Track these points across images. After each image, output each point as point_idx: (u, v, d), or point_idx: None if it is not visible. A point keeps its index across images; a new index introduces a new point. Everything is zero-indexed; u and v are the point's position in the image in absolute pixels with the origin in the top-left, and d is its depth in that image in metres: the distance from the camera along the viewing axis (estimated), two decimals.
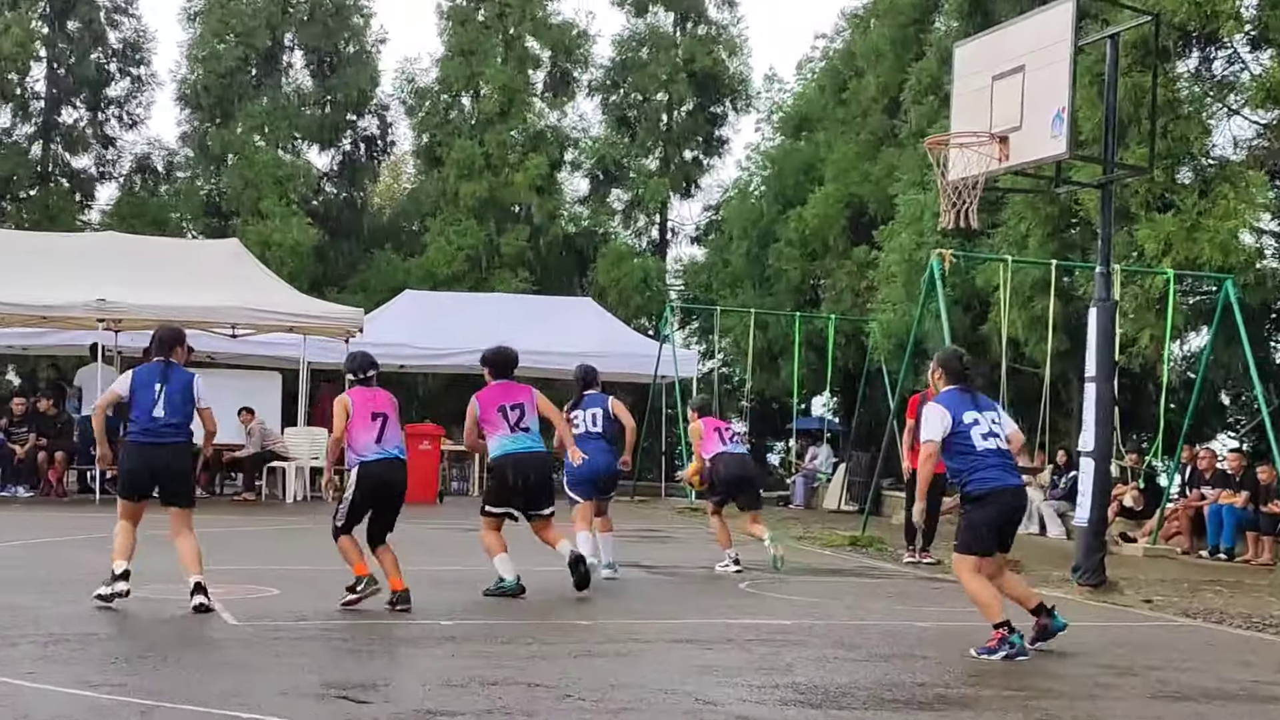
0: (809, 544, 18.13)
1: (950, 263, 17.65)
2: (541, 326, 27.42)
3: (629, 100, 36.92)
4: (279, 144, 33.91)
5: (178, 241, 29.58)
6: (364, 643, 8.71)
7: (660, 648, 9.04)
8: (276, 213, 31.87)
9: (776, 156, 32.90)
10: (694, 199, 38.40)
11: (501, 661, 8.20)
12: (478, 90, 34.94)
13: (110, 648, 8.23)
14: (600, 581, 12.55)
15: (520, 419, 11.45)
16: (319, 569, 12.71)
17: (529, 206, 34.37)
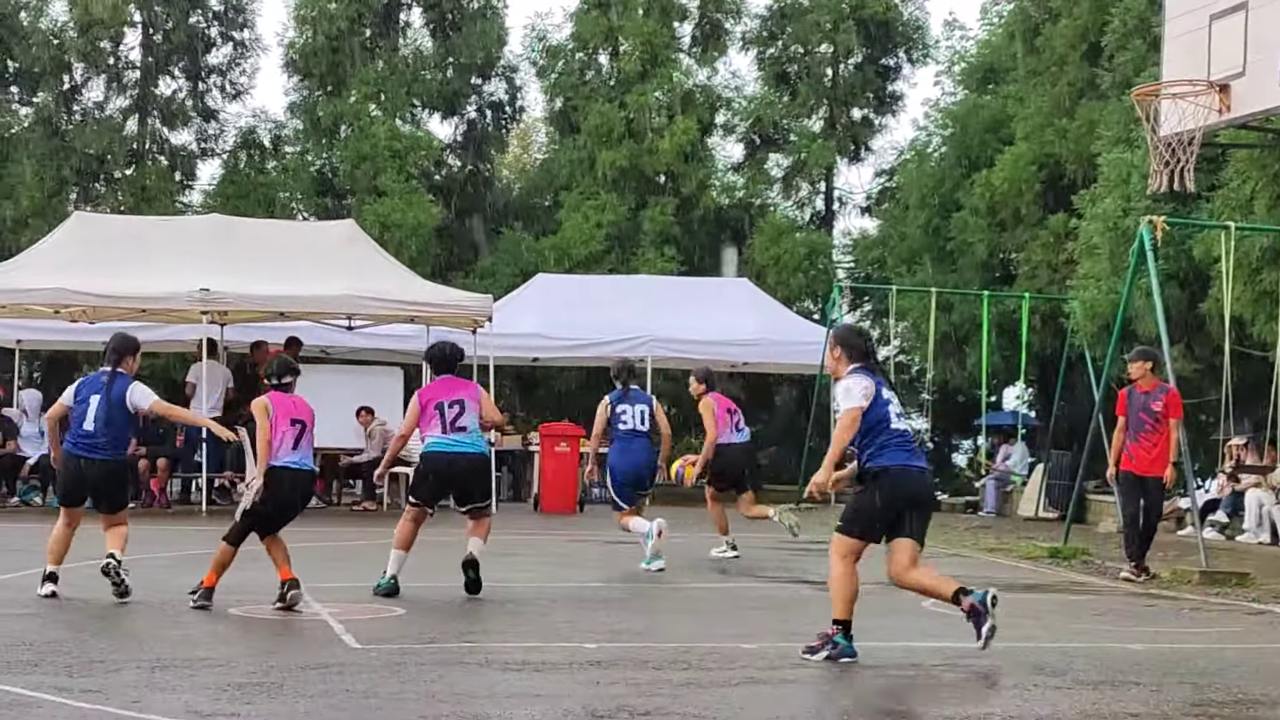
0: (1003, 556, 17.95)
1: (1163, 231, 17.31)
2: (691, 312, 27.47)
3: (788, 54, 36.78)
4: (396, 113, 34.34)
5: (287, 224, 30.12)
6: (500, 668, 8.82)
7: (832, 674, 9.02)
8: (395, 190, 32.31)
9: (959, 113, 32.57)
10: (864, 163, 38.18)
11: (653, 689, 8.25)
12: (617, 47, 35.07)
13: (221, 674, 8.43)
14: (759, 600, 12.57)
15: (457, 417, 12.26)
16: (448, 585, 12.88)
17: (676, 176, 34.42)
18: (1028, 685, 8.74)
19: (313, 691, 8.00)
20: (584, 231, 32.81)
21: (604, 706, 7.72)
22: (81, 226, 24.32)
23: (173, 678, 8.28)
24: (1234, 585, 14.77)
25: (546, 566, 15.35)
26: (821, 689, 8.51)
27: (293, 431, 11.37)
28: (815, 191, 38.08)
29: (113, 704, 7.53)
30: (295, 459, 11.34)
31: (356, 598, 11.82)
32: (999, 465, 28.56)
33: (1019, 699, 8.31)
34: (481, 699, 7.89)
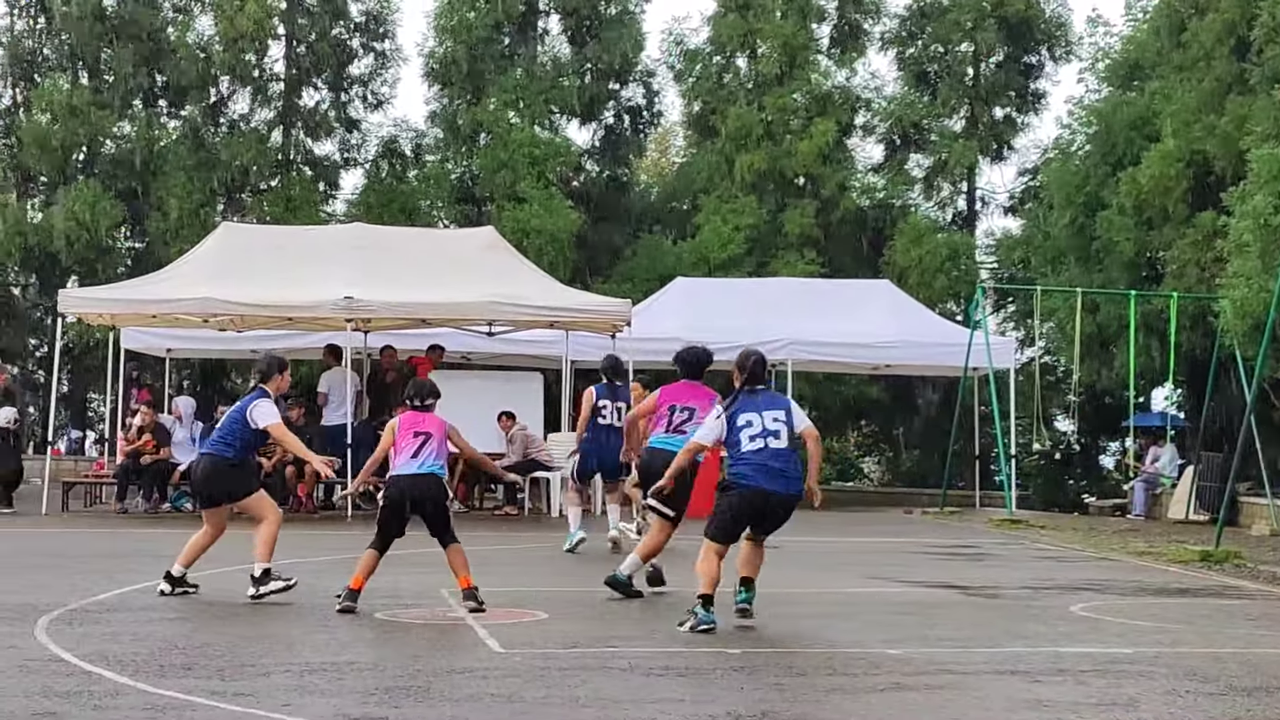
0: (1152, 560, 17.69)
1: None
2: (832, 314, 27.36)
3: (928, 53, 36.58)
4: (535, 120, 34.58)
5: (428, 231, 30.42)
6: (643, 674, 8.85)
7: (979, 680, 8.94)
8: (534, 196, 32.54)
9: (1103, 110, 32.15)
10: (1007, 163, 37.91)
11: (797, 695, 8.23)
12: (755, 49, 35.06)
13: (369, 678, 8.54)
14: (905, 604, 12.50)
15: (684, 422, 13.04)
16: (590, 590, 12.94)
17: (816, 178, 34.32)
18: (1179, 691, 8.61)
19: (459, 695, 8.08)
20: (723, 235, 32.81)
21: (748, 712, 7.72)
22: (229, 237, 24.75)
23: (322, 681, 8.41)
24: None
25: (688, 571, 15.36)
26: (968, 693, 8.44)
27: (415, 442, 11.57)
28: (957, 192, 37.81)
29: (264, 707, 7.67)
30: (414, 467, 11.53)
31: (499, 602, 11.91)
32: (1148, 467, 28.19)
33: (1169, 704, 8.18)
34: (625, 704, 7.92)
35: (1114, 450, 36.55)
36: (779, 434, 10.97)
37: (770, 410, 11.09)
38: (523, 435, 23.01)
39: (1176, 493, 26.76)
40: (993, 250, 37.03)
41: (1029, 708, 8.05)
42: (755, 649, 9.89)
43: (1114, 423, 34.63)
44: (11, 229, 32.43)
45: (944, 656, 9.73)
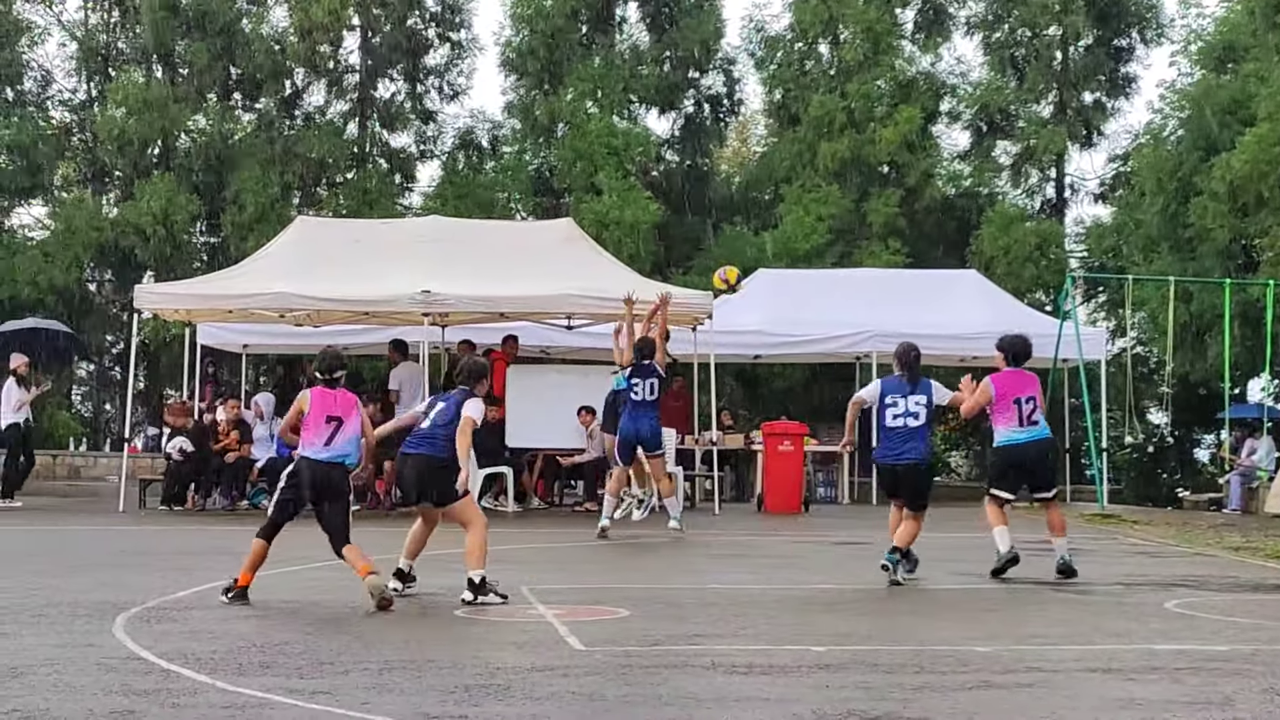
0: (1249, 555, 17.49)
1: None
2: (918, 305, 27.24)
3: (1015, 37, 36.39)
4: (613, 109, 34.65)
5: (506, 224, 30.55)
6: (725, 671, 8.85)
7: (1070, 678, 8.88)
8: (613, 187, 32.60)
9: (1196, 94, 31.87)
10: (1097, 149, 37.73)
11: (884, 693, 8.20)
12: (837, 35, 34.98)
13: (449, 676, 8.58)
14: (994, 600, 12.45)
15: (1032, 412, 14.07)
16: (671, 587, 12.96)
17: (900, 166, 34.21)
18: (1277, 689, 8.51)
19: (540, 694, 8.11)
20: (805, 225, 32.76)
21: (833, 710, 7.70)
22: (304, 230, 24.94)
23: (401, 679, 8.46)
24: None
25: (771, 568, 15.36)
26: (1058, 691, 8.39)
27: (327, 429, 11.67)
28: (1045, 179, 37.59)
29: (343, 705, 7.72)
30: (324, 454, 11.65)
31: (580, 599, 11.94)
32: (1244, 460, 27.90)
33: (1267, 703, 8.10)
34: (708, 703, 7.92)
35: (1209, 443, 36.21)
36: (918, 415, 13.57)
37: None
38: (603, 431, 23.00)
39: (1274, 486, 26.47)
40: (1082, 239, 36.79)
41: (1121, 706, 7.98)
42: (840, 646, 9.86)
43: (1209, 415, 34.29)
44: (88, 224, 32.81)
45: (1033, 654, 9.66)
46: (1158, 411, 35.97)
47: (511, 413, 22.66)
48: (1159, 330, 29.19)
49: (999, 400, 14.00)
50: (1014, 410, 13.98)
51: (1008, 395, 13.98)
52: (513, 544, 17.39)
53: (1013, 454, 14.19)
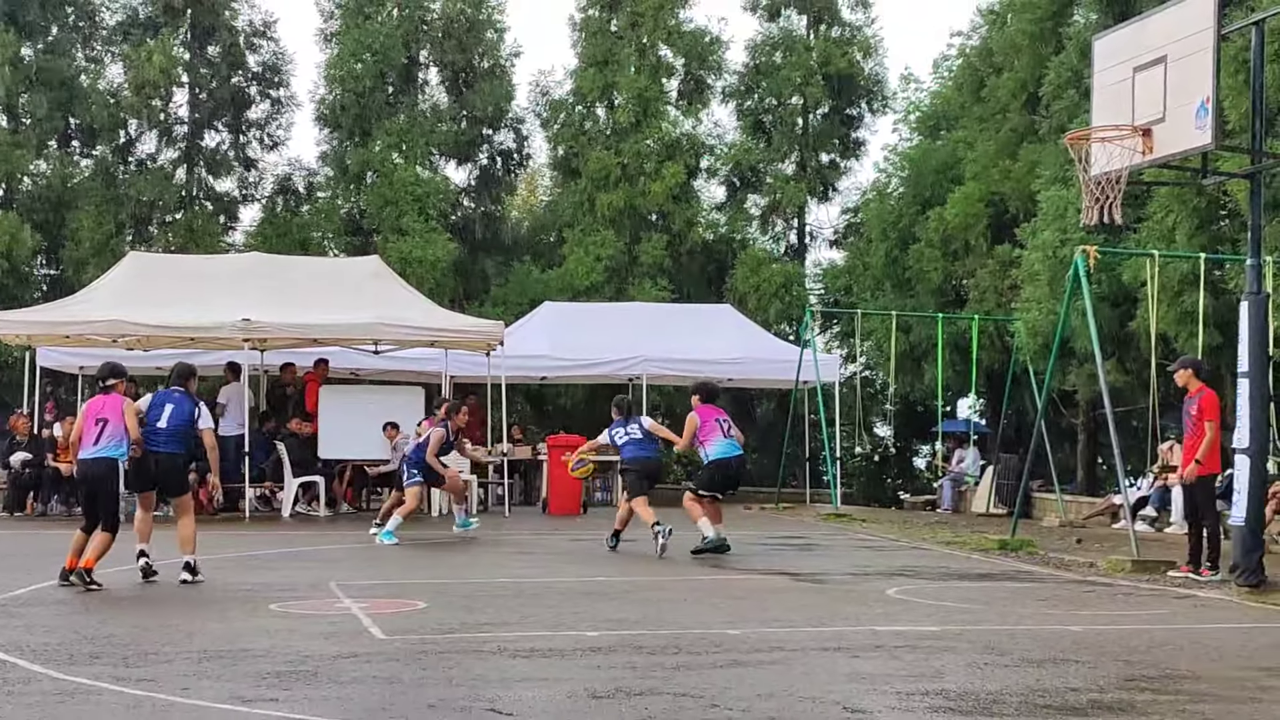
0: (958, 548, 17.94)
1: (1095, 259, 17.35)
2: (681, 334, 27.47)
3: (763, 105, 36.86)
4: (417, 160, 34.38)
5: (320, 260, 30.09)
6: (510, 655, 8.81)
7: (807, 656, 9.01)
8: (416, 229, 32.32)
9: (914, 156, 32.63)
10: (831, 202, 38.24)
11: (647, 673, 8.24)
12: (612, 100, 35.14)
13: (262, 664, 8.41)
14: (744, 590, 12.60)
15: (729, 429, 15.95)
16: (466, 582, 12.89)
17: (667, 215, 34.46)
18: (979, 664, 8.73)
19: (344, 678, 7.99)
20: (585, 264, 32.84)
21: (603, 688, 7.72)
22: (136, 265, 24.33)
23: (218, 667, 8.27)
24: (1162, 572, 14.78)
25: (554, 563, 15.35)
26: (796, 668, 8.50)
27: (95, 429, 11.81)
28: (789, 227, 38.09)
29: (164, 691, 7.53)
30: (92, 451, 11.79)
31: (383, 593, 11.80)
32: (954, 467, 28.54)
33: (971, 676, 8.30)
34: (494, 683, 7.88)
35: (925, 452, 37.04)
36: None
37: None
38: (406, 444, 22.75)
39: (979, 489, 27.14)
40: (820, 278, 37.35)
41: (849, 680, 8.12)
42: (611, 631, 9.88)
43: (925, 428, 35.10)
44: None
45: (776, 636, 9.79)
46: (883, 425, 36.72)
47: (324, 427, 22.36)
48: (883, 357, 29.77)
49: (704, 425, 15.84)
50: (718, 429, 15.78)
51: (709, 419, 15.90)
52: (323, 544, 17.13)
53: (722, 465, 15.84)
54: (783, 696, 7.54)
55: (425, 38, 35.58)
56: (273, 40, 35.83)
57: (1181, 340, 20.21)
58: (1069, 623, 10.85)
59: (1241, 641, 10.00)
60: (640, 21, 34.83)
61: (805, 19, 36.69)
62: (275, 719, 6.91)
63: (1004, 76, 28.83)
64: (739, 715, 7.04)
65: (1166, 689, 7.98)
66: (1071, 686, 7.98)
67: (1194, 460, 14.31)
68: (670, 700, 7.40)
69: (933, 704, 7.41)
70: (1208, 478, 14.55)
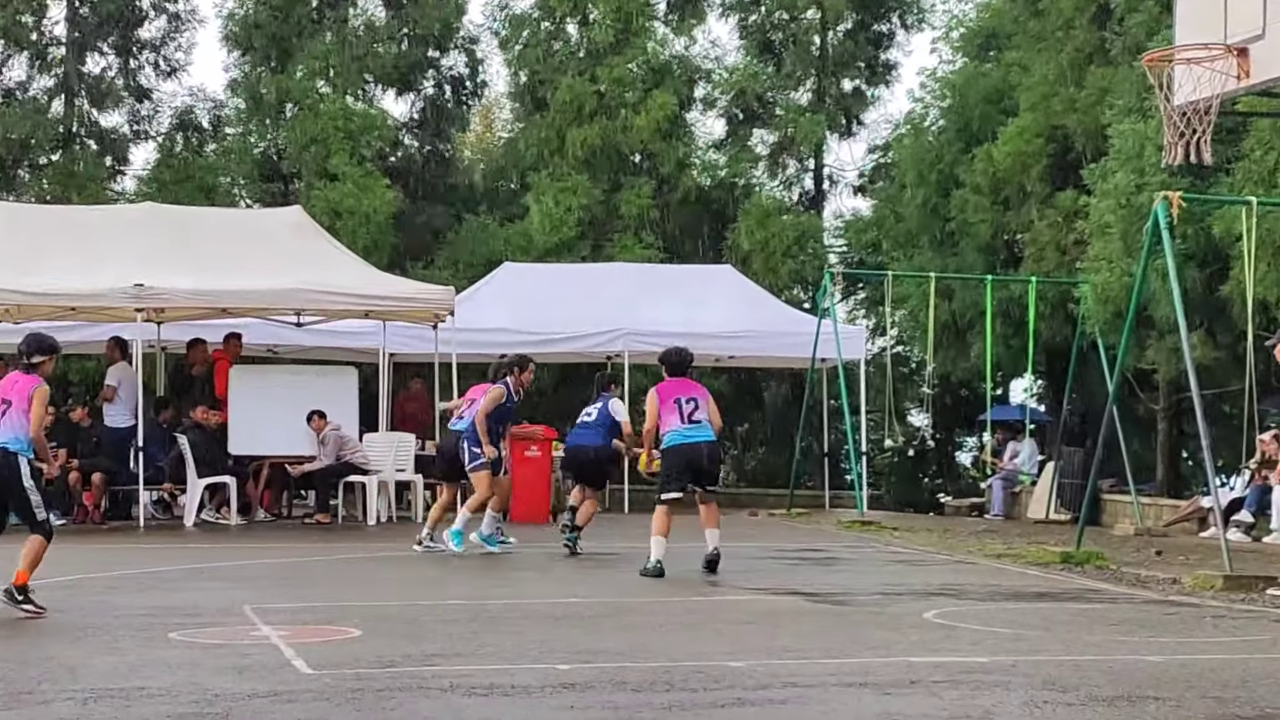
0: (1011, 561, 18.00)
1: (1179, 208, 17.37)
2: (671, 302, 27.52)
3: (772, 20, 36.86)
4: (347, 90, 34.33)
5: (229, 212, 30.09)
6: (464, 693, 8.82)
7: (826, 693, 9.04)
8: (347, 174, 32.27)
9: (958, 83, 32.62)
10: (856, 139, 38.35)
11: (632, 713, 8.26)
12: (586, 15, 35.07)
13: (161, 704, 8.41)
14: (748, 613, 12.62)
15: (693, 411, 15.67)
16: (409, 604, 12.90)
17: (653, 155, 34.45)
18: (1037, 702, 8.76)
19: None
20: (554, 217, 32.81)
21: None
22: (4, 216, 24.26)
23: (108, 709, 8.26)
24: (1260, 590, 14.84)
25: (516, 581, 15.36)
26: (812, 707, 8.53)
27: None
28: (804, 170, 38.14)
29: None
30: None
31: (309, 619, 11.80)
32: (1006, 464, 28.62)
33: (1026, 716, 8.33)
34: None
35: (970, 446, 37.18)
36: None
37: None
38: (336, 436, 22.76)
39: (1036, 491, 27.22)
40: (842, 233, 37.43)
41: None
42: (587, 664, 9.89)
43: (970, 417, 35.25)
44: None
45: (789, 669, 9.81)
46: (918, 413, 36.86)
47: (235, 417, 22.33)
48: (920, 328, 29.80)
49: (662, 404, 15.66)
50: (676, 410, 15.60)
51: (669, 397, 15.67)
52: (236, 560, 17.14)
53: (681, 451, 15.56)
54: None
55: None
56: None
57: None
58: (1146, 652, 10.89)
59: None
60: None
61: None
62: None
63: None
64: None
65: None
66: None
67: None
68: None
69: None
70: None
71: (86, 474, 22.13)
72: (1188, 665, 10.29)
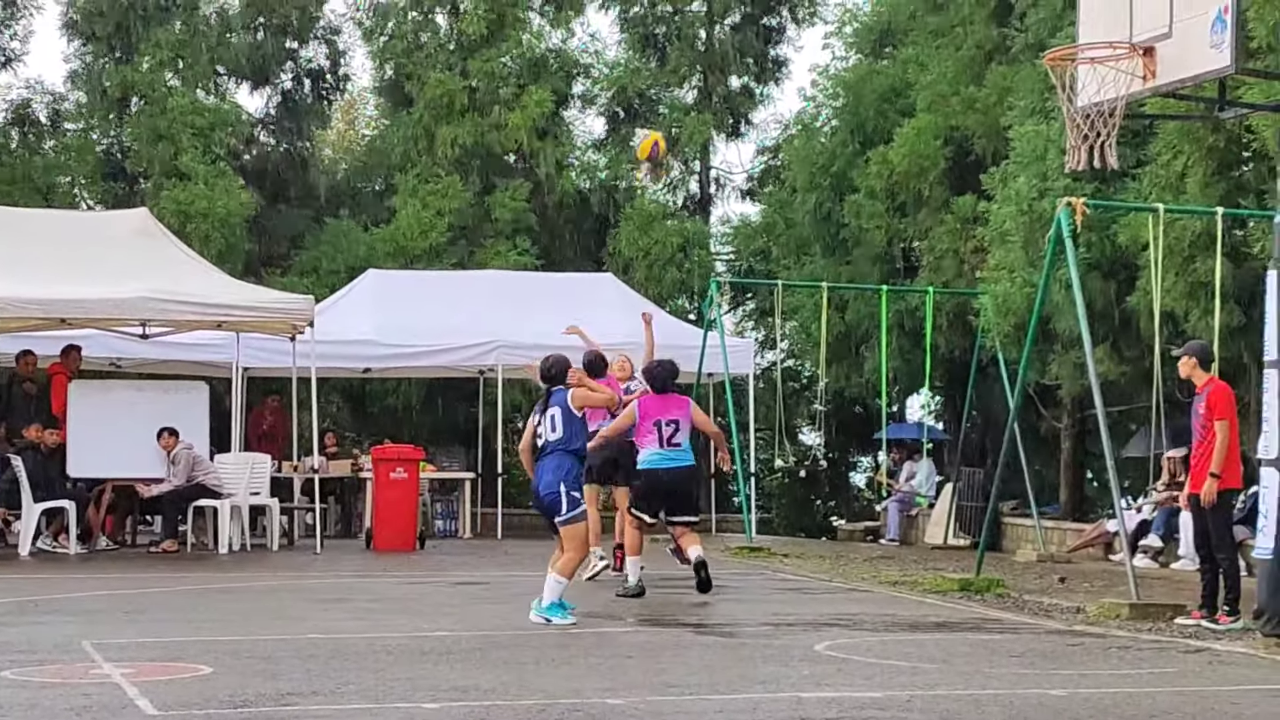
0: (907, 590, 18.14)
1: (1083, 215, 17.58)
2: (548, 312, 27.41)
3: (655, 13, 36.96)
4: (198, 83, 34.07)
5: (69, 214, 29.73)
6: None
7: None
8: (198, 172, 32.00)
9: (851, 81, 32.84)
10: (744, 140, 38.48)
11: None
12: (457, 5, 35.03)
13: None
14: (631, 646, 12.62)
15: (673, 434, 16.17)
16: (264, 638, 12.79)
17: (529, 155, 34.42)
18: None
19: None
20: (422, 220, 32.71)
21: None
22: None
23: None
24: (1168, 619, 15.03)
25: (381, 613, 15.27)
26: None
27: None
28: (689, 172, 38.26)
29: None
30: None
31: (155, 655, 11.68)
32: (902, 485, 28.83)
33: None
34: None
35: (865, 466, 37.43)
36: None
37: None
38: (187, 455, 22.52)
39: (934, 514, 27.43)
40: (729, 239, 37.57)
41: None
42: (456, 702, 9.86)
43: (865, 435, 35.45)
44: None
45: (672, 705, 9.82)
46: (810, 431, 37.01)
47: (74, 437, 22.07)
48: (811, 341, 29.96)
49: (641, 422, 16.11)
50: (655, 433, 16.02)
51: (649, 417, 16.08)
52: (75, 592, 16.92)
53: (652, 479, 16.24)
54: None
55: None
56: None
57: (1193, 319, 20.54)
58: (1049, 685, 11.00)
59: (1271, 709, 10.20)
60: None
61: None
62: None
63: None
64: None
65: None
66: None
67: (1210, 474, 14.57)
68: None
69: None
70: (1224, 495, 14.82)
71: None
72: (1092, 699, 10.41)
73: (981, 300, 25.15)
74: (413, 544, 23.37)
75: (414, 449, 24.66)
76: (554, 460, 14.16)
